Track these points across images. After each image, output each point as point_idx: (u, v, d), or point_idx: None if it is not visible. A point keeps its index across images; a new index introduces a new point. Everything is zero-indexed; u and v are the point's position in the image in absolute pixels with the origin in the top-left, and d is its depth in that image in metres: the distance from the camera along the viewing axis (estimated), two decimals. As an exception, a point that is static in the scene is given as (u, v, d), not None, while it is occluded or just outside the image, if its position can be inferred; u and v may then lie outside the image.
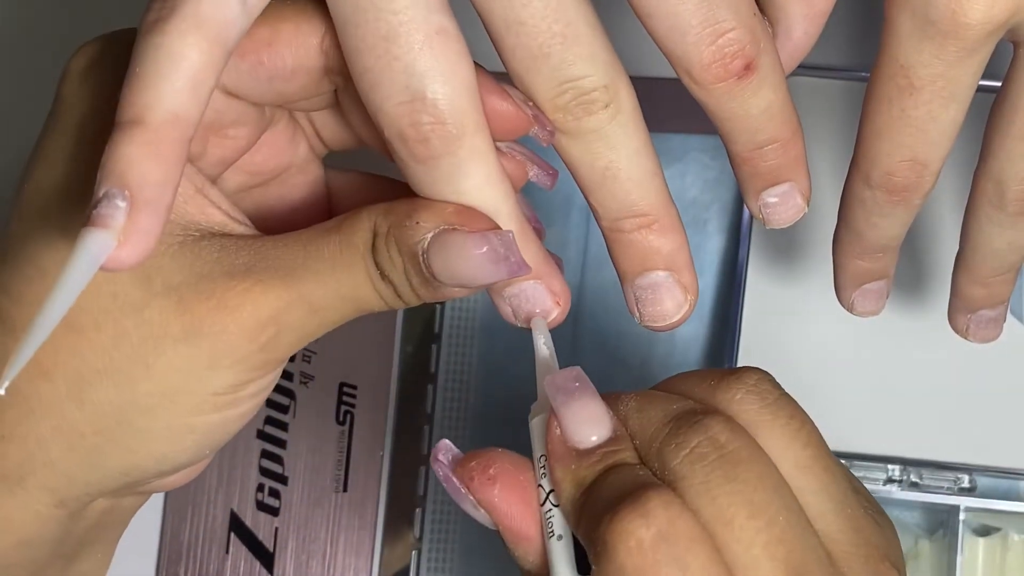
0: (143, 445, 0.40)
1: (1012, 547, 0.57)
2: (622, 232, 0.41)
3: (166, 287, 0.38)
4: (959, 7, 0.39)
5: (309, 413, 0.59)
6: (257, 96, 0.40)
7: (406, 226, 0.38)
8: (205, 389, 0.39)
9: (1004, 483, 0.58)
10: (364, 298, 0.39)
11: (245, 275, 0.38)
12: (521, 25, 0.38)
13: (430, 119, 0.37)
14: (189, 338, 0.38)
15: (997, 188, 0.43)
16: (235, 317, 0.38)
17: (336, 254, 0.38)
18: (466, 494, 0.39)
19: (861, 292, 0.48)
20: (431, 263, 0.38)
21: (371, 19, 0.37)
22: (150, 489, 0.43)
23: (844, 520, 0.38)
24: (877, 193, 0.43)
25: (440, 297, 0.39)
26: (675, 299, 0.41)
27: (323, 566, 0.59)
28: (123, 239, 0.34)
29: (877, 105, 0.42)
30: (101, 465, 0.40)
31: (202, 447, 0.40)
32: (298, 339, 0.39)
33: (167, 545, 0.59)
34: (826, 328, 0.57)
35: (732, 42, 0.39)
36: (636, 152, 0.40)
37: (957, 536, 0.55)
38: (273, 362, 0.40)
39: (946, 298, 0.49)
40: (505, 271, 0.38)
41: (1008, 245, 0.45)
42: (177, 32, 0.35)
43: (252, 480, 0.59)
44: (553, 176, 0.42)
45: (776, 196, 0.42)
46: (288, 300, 0.38)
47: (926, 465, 0.57)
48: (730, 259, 0.60)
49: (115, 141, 0.35)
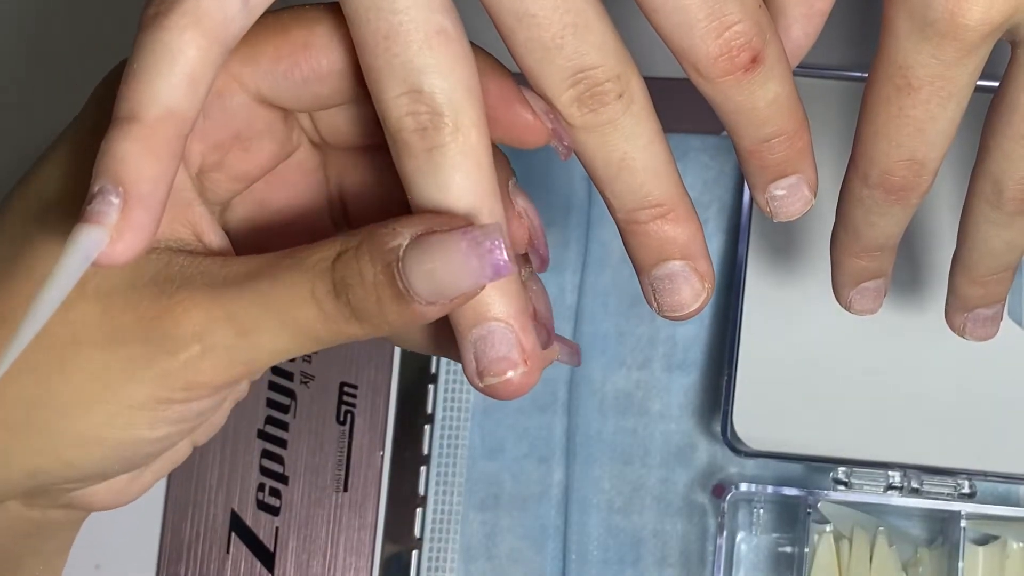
0: (50, 448, 0.39)
1: (1012, 555, 0.57)
2: (638, 223, 0.41)
3: (96, 292, 0.38)
4: (957, 8, 0.39)
5: (309, 413, 0.59)
6: (292, 100, 0.40)
7: (382, 234, 0.36)
8: (121, 400, 0.38)
9: (1004, 489, 0.58)
10: (303, 320, 0.37)
11: (176, 291, 0.37)
12: (532, 18, 0.38)
13: (427, 110, 0.37)
14: (109, 345, 0.37)
15: (994, 188, 0.43)
16: (155, 328, 0.37)
17: (279, 273, 0.37)
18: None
19: (859, 291, 0.48)
20: (408, 272, 0.36)
21: (373, 19, 0.37)
22: (69, 502, 0.42)
23: None
24: (875, 192, 0.43)
25: (407, 318, 0.36)
26: (693, 288, 0.41)
27: (323, 566, 0.59)
28: (116, 235, 0.34)
29: (875, 105, 0.42)
30: (6, 463, 0.39)
31: (110, 461, 0.39)
32: (226, 364, 0.37)
33: (167, 544, 0.59)
34: (826, 329, 0.57)
35: (739, 35, 0.39)
36: (650, 142, 0.40)
37: (957, 543, 0.55)
38: (199, 386, 0.38)
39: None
40: (490, 268, 0.36)
41: (1005, 244, 0.45)
42: (176, 28, 0.35)
43: (253, 480, 0.59)
44: (544, 261, 0.41)
45: (783, 189, 0.42)
46: (213, 317, 0.37)
47: (926, 470, 0.57)
48: (730, 259, 0.60)
49: (110, 137, 0.35)
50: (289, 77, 0.40)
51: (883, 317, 0.50)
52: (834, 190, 0.46)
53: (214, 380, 0.38)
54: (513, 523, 0.60)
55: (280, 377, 0.59)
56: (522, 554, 0.60)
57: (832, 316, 0.50)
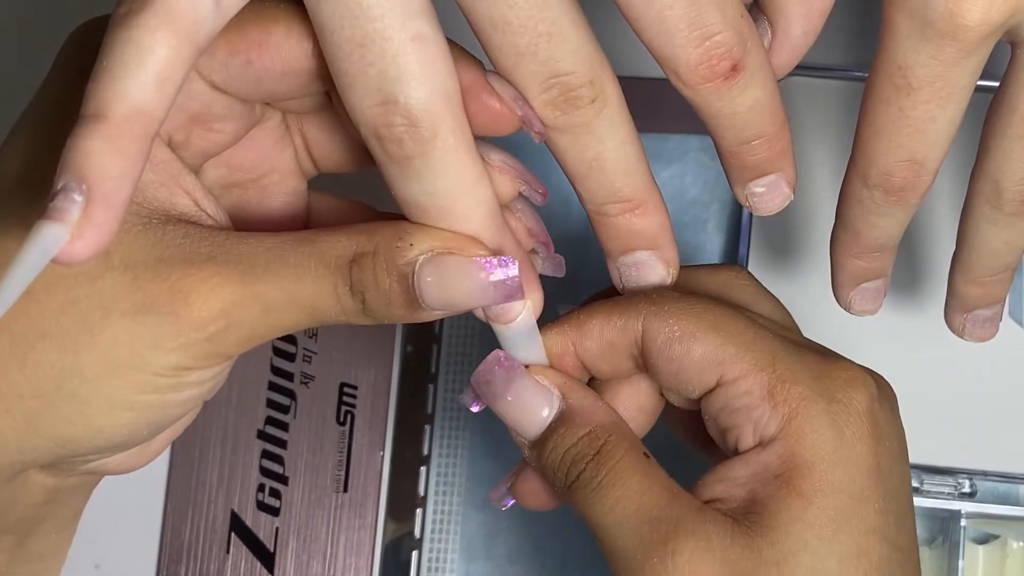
0: (80, 416, 0.39)
1: (1012, 554, 0.57)
2: (607, 216, 0.42)
3: (124, 263, 0.38)
4: (957, 8, 0.39)
5: (309, 413, 0.59)
6: (245, 93, 0.40)
7: (397, 247, 0.38)
8: (147, 367, 0.39)
9: (1004, 489, 0.58)
10: (322, 309, 0.39)
11: (204, 264, 0.38)
12: (508, 24, 0.38)
13: (403, 120, 0.37)
14: (137, 315, 0.38)
15: (994, 188, 0.43)
16: (186, 303, 0.38)
17: (303, 262, 0.39)
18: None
19: (859, 291, 0.48)
20: (421, 286, 0.38)
21: (347, 26, 0.37)
22: (90, 470, 0.43)
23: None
24: (875, 193, 0.43)
25: (415, 319, 0.39)
26: (658, 274, 0.43)
27: (323, 566, 0.59)
28: (77, 233, 0.34)
29: (875, 105, 0.42)
30: (36, 431, 0.39)
31: (139, 427, 0.40)
32: (247, 337, 0.39)
33: (167, 545, 0.59)
34: (826, 328, 0.57)
35: (719, 44, 0.39)
36: (622, 143, 0.40)
37: (958, 542, 0.55)
38: (219, 355, 0.39)
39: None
40: (502, 296, 0.39)
41: (1005, 245, 0.45)
42: (147, 27, 0.35)
43: (253, 480, 0.59)
44: (543, 194, 0.42)
45: (763, 186, 0.43)
46: (242, 296, 0.38)
47: (926, 470, 0.57)
48: (730, 259, 0.60)
49: (76, 134, 0.35)
50: (243, 73, 0.40)
51: (883, 317, 0.50)
52: (833, 190, 0.46)
53: (234, 350, 0.40)
54: (513, 523, 0.60)
55: (280, 377, 0.59)
56: (522, 554, 0.60)
57: (832, 316, 0.50)
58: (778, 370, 0.41)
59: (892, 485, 0.41)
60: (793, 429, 0.40)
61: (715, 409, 0.42)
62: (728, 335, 0.41)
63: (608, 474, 0.41)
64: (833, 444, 0.40)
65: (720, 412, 0.42)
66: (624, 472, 0.41)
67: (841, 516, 0.40)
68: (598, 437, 0.41)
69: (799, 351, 0.42)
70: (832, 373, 0.41)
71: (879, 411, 0.41)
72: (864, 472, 0.40)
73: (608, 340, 0.42)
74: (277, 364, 0.59)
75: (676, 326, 0.41)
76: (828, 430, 0.40)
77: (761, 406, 0.41)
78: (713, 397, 0.42)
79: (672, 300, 0.42)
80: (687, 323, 0.41)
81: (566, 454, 0.41)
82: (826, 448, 0.40)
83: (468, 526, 0.60)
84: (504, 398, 0.42)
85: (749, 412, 0.41)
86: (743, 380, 0.41)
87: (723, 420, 0.42)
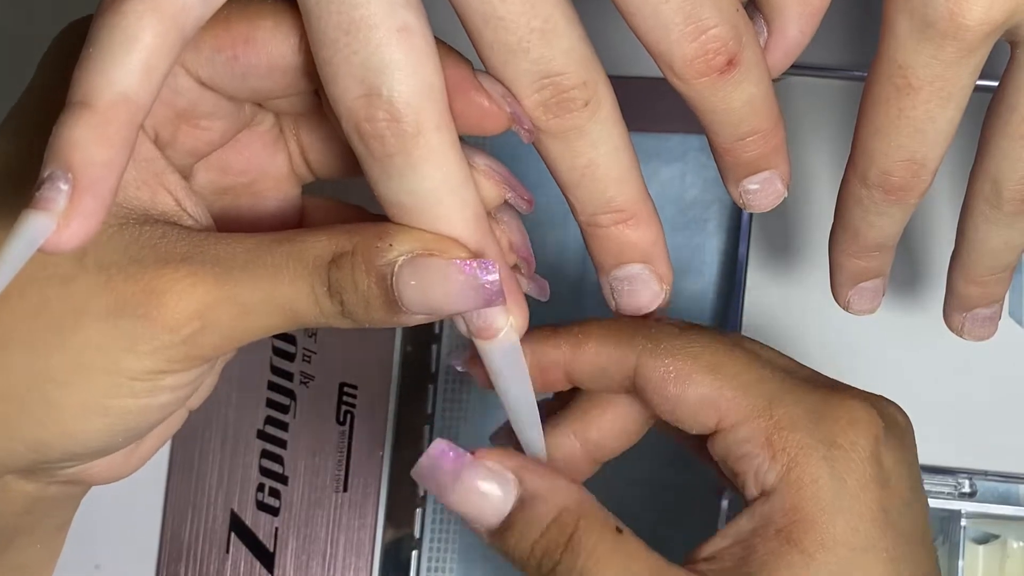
0: (53, 420, 0.39)
1: (1012, 554, 0.57)
2: (599, 227, 0.41)
3: (97, 265, 0.38)
4: (957, 8, 0.39)
5: (309, 413, 0.59)
6: (232, 90, 0.40)
7: (377, 247, 0.37)
8: (121, 371, 0.38)
9: (1004, 489, 0.58)
10: (300, 311, 0.38)
11: (179, 265, 0.38)
12: (500, 20, 0.38)
13: (385, 115, 0.37)
14: (110, 317, 0.38)
15: (993, 187, 0.43)
16: (159, 304, 0.37)
17: (281, 262, 0.38)
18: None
19: (857, 291, 0.48)
20: (400, 288, 0.37)
21: (333, 12, 0.37)
22: (70, 477, 0.42)
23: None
24: (874, 192, 0.43)
25: (396, 322, 0.38)
26: (651, 290, 0.42)
27: (323, 566, 0.59)
28: (63, 222, 0.34)
29: (875, 105, 0.42)
30: (9, 435, 0.39)
31: (115, 432, 0.39)
32: (224, 340, 0.38)
33: (167, 545, 0.59)
34: (826, 328, 0.57)
35: (714, 39, 0.39)
36: (615, 149, 0.40)
37: (958, 542, 0.55)
38: (195, 359, 0.39)
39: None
40: (483, 300, 0.37)
41: (1004, 244, 0.45)
42: (134, 14, 0.35)
43: (252, 480, 0.59)
44: (529, 201, 0.41)
45: (757, 183, 0.43)
46: (217, 297, 0.38)
47: (926, 470, 0.57)
48: (730, 259, 0.60)
49: (62, 122, 0.35)
50: (229, 70, 0.39)
51: (882, 317, 0.50)
52: (832, 189, 0.46)
53: (211, 353, 0.39)
54: (513, 523, 0.60)
55: (280, 377, 0.59)
56: (522, 554, 0.60)
57: (832, 316, 0.50)
58: (775, 416, 0.40)
59: (903, 528, 0.40)
60: (792, 479, 0.39)
61: (720, 455, 0.41)
62: (725, 377, 0.41)
63: (586, 562, 0.39)
64: (833, 494, 0.39)
65: (725, 458, 0.41)
66: (603, 557, 0.39)
67: (843, 571, 0.38)
68: (567, 524, 0.40)
69: (800, 391, 0.41)
70: (833, 414, 0.40)
71: (884, 452, 0.40)
72: (868, 521, 0.39)
73: (601, 366, 0.42)
74: (277, 364, 0.59)
75: (672, 366, 0.41)
76: (828, 479, 0.39)
77: (760, 454, 0.40)
78: (716, 441, 0.41)
79: (670, 337, 0.41)
80: (683, 364, 0.41)
81: (535, 546, 0.40)
82: (826, 499, 0.39)
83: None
84: (454, 492, 0.40)
85: (750, 460, 0.40)
86: (741, 427, 0.40)
87: (729, 465, 0.41)
